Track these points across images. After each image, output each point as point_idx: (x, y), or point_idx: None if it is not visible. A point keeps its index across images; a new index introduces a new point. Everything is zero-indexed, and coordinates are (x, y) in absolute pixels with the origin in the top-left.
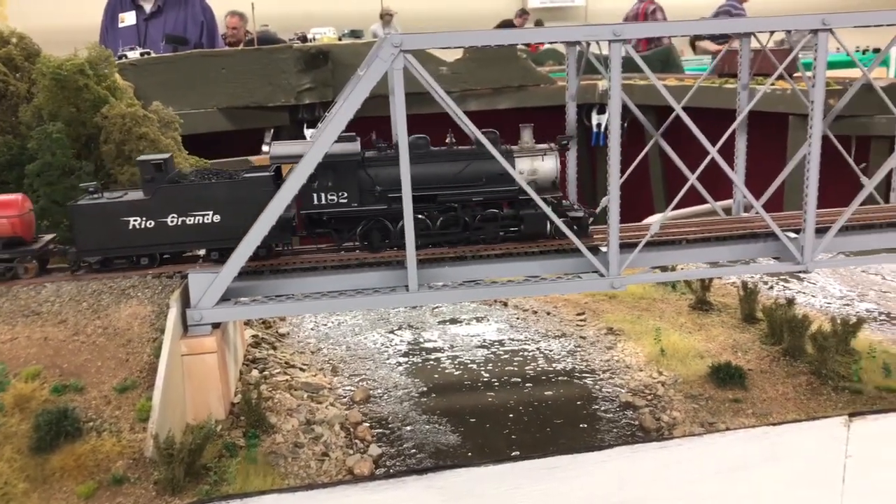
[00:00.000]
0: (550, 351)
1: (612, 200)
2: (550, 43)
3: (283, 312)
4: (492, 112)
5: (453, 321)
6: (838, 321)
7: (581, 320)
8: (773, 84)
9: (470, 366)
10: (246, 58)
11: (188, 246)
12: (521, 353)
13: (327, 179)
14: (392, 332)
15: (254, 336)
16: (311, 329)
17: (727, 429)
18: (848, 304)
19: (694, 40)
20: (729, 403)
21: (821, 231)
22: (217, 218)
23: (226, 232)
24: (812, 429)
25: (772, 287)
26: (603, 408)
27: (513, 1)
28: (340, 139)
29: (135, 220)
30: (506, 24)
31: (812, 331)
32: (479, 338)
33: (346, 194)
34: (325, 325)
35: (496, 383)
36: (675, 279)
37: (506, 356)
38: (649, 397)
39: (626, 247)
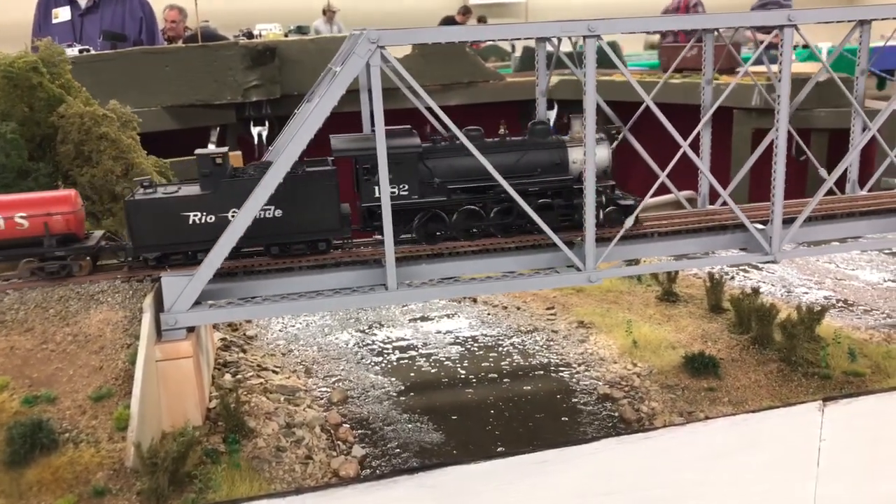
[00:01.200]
0: (524, 346)
1: (587, 195)
2: (504, 39)
3: (260, 314)
4: (442, 108)
5: (424, 319)
6: (803, 309)
7: (551, 314)
8: (716, 78)
9: (445, 363)
10: (190, 55)
11: (249, 241)
12: (495, 349)
13: (389, 172)
14: (363, 331)
15: (222, 339)
16: (280, 331)
17: (706, 417)
18: (807, 293)
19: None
20: (705, 392)
21: (786, 222)
22: (279, 212)
23: (287, 226)
24: (789, 415)
25: (733, 277)
26: (582, 400)
27: None
28: (400, 133)
29: (195, 216)
30: (448, 21)
31: (779, 319)
32: (451, 335)
33: (406, 187)
34: (294, 326)
35: (474, 380)
36: (651, 272)
37: (480, 352)
38: (626, 389)
39: (601, 241)
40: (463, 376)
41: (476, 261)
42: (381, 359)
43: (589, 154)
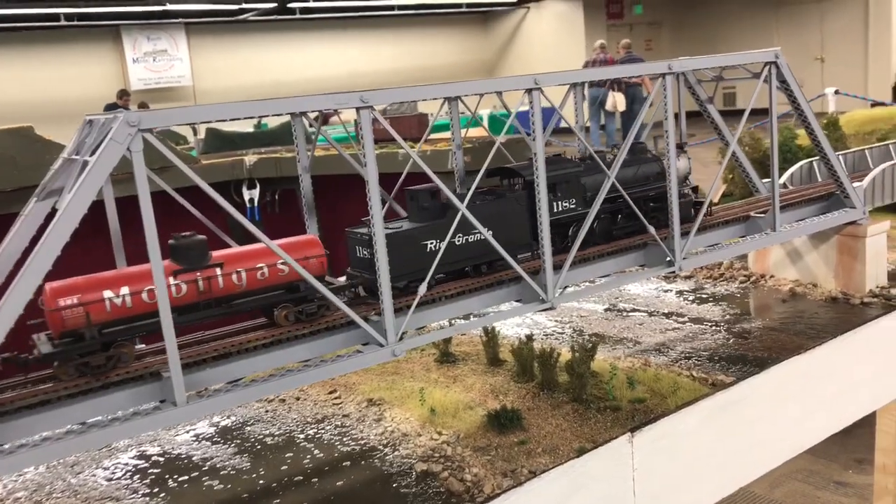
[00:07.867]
0: (320, 438)
1: (381, 272)
2: (276, 114)
3: (26, 463)
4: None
5: (193, 430)
6: (576, 348)
7: (336, 399)
8: (385, 147)
9: (239, 477)
10: None
11: (468, 261)
12: (289, 448)
13: (560, 191)
14: (123, 461)
15: None
16: (16, 482)
17: (532, 473)
18: (562, 332)
19: None
20: (517, 447)
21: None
22: (490, 233)
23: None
24: (605, 452)
25: (494, 328)
26: (403, 483)
27: (113, 82)
28: (557, 160)
29: (431, 243)
30: (112, 106)
31: (561, 362)
32: (232, 444)
33: (574, 201)
34: (29, 472)
35: (277, 488)
36: (451, 334)
37: (274, 455)
38: (442, 460)
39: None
40: (264, 486)
41: (266, 355)
42: (158, 488)
43: (377, 227)
